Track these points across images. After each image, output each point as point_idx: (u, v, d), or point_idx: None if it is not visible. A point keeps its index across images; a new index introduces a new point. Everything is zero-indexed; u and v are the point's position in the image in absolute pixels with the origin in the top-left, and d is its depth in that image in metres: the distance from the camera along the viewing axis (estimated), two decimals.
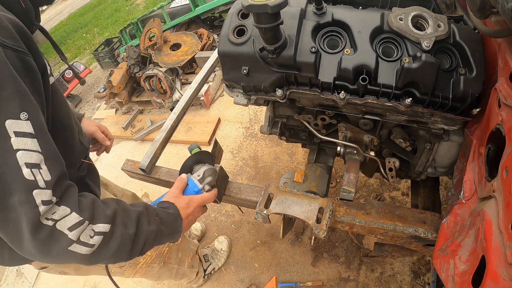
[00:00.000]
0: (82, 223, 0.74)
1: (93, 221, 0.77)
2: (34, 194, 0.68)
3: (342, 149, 1.32)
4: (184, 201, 1.05)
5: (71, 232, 0.73)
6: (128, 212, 0.87)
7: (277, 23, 0.92)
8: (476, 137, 0.98)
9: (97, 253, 0.77)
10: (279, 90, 1.14)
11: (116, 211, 0.83)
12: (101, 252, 0.78)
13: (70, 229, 0.73)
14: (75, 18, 9.28)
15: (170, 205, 1.01)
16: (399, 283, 1.84)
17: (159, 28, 3.61)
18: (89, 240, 0.75)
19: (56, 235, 0.71)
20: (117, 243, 0.80)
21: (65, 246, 0.72)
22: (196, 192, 1.11)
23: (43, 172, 0.71)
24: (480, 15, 0.79)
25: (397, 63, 1.01)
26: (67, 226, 0.73)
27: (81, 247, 0.74)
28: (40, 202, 0.69)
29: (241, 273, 2.11)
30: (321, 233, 1.05)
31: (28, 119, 0.70)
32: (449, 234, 0.94)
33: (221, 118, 3.25)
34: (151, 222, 0.89)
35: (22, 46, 0.74)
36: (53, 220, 0.71)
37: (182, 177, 1.14)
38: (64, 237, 0.72)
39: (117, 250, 0.80)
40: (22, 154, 0.68)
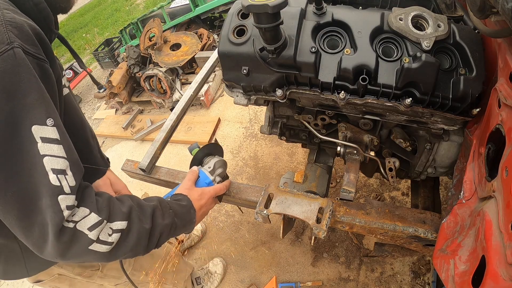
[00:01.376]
0: (101, 222, 0.76)
1: (111, 219, 0.78)
2: (60, 200, 0.70)
3: (342, 149, 1.32)
4: (197, 193, 1.07)
5: (91, 232, 0.74)
6: (143, 208, 0.89)
7: (277, 23, 0.92)
8: (476, 137, 0.98)
9: (115, 250, 0.79)
10: (279, 90, 1.14)
11: (132, 207, 0.85)
12: (119, 249, 0.80)
13: (90, 229, 0.74)
14: (75, 18, 9.27)
15: (183, 197, 1.03)
16: (399, 283, 1.84)
17: (159, 28, 3.61)
18: (108, 238, 0.77)
19: (77, 236, 0.73)
20: (134, 239, 0.82)
21: (86, 246, 0.74)
22: (207, 184, 1.15)
23: (69, 178, 0.72)
24: (480, 15, 0.79)
25: (397, 63, 1.01)
26: (87, 226, 0.74)
27: (100, 245, 0.76)
28: (65, 207, 0.70)
29: (241, 273, 2.11)
30: (321, 233, 1.05)
31: (54, 125, 0.71)
32: (449, 234, 0.94)
33: (221, 118, 3.25)
34: (165, 216, 0.92)
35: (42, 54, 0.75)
36: (74, 221, 0.73)
37: (193, 169, 1.17)
38: (85, 237, 0.74)
39: (134, 245, 0.82)
40: (49, 160, 0.69)
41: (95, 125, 4.07)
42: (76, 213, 0.74)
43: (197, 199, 1.05)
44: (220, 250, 2.25)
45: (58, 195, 0.70)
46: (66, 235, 0.72)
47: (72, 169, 0.74)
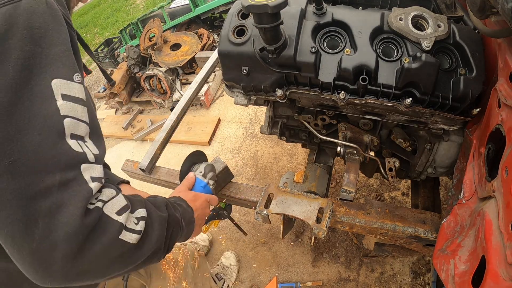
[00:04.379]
0: (127, 208, 0.64)
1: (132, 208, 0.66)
2: (83, 170, 0.57)
3: (342, 149, 1.32)
4: (190, 195, 1.02)
5: (120, 217, 0.61)
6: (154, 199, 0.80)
7: (277, 23, 0.92)
8: (476, 137, 0.98)
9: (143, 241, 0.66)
10: (279, 90, 1.14)
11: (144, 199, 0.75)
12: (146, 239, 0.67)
13: (118, 213, 0.61)
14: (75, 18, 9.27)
15: (177, 198, 0.97)
16: (399, 283, 1.84)
17: (159, 28, 3.61)
18: (135, 226, 0.64)
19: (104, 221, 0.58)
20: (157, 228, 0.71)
21: (115, 235, 0.59)
22: (203, 187, 1.15)
23: (89, 145, 0.60)
24: (480, 15, 0.79)
25: (397, 63, 1.01)
26: (115, 209, 0.61)
27: (130, 234, 0.62)
28: (90, 178, 0.57)
29: (241, 273, 2.11)
30: (321, 233, 1.05)
31: (81, 83, 0.60)
32: (449, 234, 0.94)
33: (221, 118, 3.25)
34: (175, 209, 0.84)
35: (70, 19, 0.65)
36: (102, 201, 0.60)
37: (189, 175, 1.14)
38: (114, 223, 0.60)
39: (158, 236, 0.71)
40: (70, 123, 0.56)
41: None
42: (102, 193, 0.61)
43: (191, 200, 0.99)
44: (220, 250, 2.25)
45: (81, 164, 0.56)
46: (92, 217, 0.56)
47: (92, 137, 0.61)
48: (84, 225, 0.54)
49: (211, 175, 1.20)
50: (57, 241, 0.52)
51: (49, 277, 0.53)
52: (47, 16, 0.57)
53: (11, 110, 0.51)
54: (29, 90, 0.53)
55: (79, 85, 0.59)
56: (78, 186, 0.55)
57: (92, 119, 0.62)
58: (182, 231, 0.86)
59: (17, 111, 0.51)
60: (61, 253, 0.52)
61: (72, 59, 0.60)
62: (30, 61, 0.53)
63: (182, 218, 0.86)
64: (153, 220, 0.70)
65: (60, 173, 0.53)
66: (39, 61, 0.54)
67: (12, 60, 0.51)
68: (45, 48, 0.55)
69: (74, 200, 0.54)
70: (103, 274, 0.62)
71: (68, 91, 0.57)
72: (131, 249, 0.63)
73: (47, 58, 0.55)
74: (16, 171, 0.50)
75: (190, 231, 0.93)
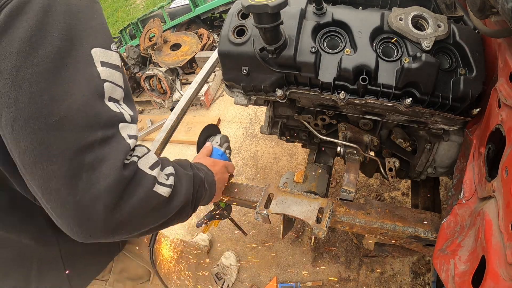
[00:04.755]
0: (158, 164, 0.69)
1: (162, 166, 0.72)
2: (120, 128, 0.62)
3: (342, 149, 1.32)
4: (210, 161, 1.09)
5: (153, 171, 0.67)
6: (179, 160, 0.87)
7: (277, 23, 0.92)
8: (476, 137, 0.98)
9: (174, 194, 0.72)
10: (279, 90, 1.14)
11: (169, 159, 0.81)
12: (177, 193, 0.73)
13: (151, 168, 0.67)
14: None
15: (198, 163, 1.01)
16: (399, 283, 1.84)
17: (159, 28, 3.61)
18: (166, 181, 0.70)
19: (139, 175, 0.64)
20: (185, 183, 0.77)
21: (150, 187, 0.65)
22: (220, 155, 1.22)
23: (125, 108, 0.65)
24: (480, 15, 0.78)
25: (397, 63, 1.01)
26: (148, 164, 0.66)
27: (162, 187, 0.68)
28: (127, 135, 0.62)
29: (241, 273, 2.11)
30: (321, 233, 1.05)
31: (117, 52, 0.66)
32: (449, 234, 0.94)
33: (221, 118, 3.25)
34: (199, 169, 0.91)
35: None
36: (137, 156, 0.65)
37: (206, 145, 1.24)
38: (148, 177, 0.65)
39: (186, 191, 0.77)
40: (109, 87, 0.61)
41: None
42: (136, 149, 0.66)
43: (211, 165, 1.04)
44: (220, 250, 2.25)
45: (119, 123, 0.61)
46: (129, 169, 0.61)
47: (125, 100, 0.66)
48: (123, 177, 0.59)
49: (227, 145, 1.29)
50: (99, 193, 0.56)
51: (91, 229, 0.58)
52: None
53: (57, 74, 0.55)
54: (72, 57, 0.57)
55: (115, 54, 0.65)
56: (117, 142, 0.60)
57: (126, 85, 0.67)
58: (206, 191, 0.91)
59: (62, 75, 0.56)
60: (102, 204, 0.56)
61: (108, 31, 0.65)
62: (72, 32, 0.58)
63: (205, 180, 0.91)
64: (180, 177, 0.77)
65: (101, 131, 0.58)
66: (79, 33, 0.59)
67: (56, 31, 0.56)
68: (83, 22, 0.61)
69: (114, 154, 0.59)
70: (139, 227, 0.67)
71: (106, 58, 0.62)
72: (163, 202, 0.68)
73: (86, 30, 0.60)
74: (62, 128, 0.54)
75: (212, 193, 0.98)
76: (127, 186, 0.60)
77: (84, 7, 0.62)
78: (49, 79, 0.54)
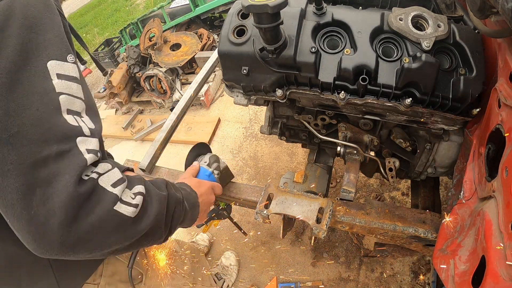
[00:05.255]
0: (123, 181, 0.67)
1: (129, 184, 0.69)
2: (78, 142, 0.60)
3: (342, 149, 1.32)
4: (195, 181, 1.05)
5: (116, 189, 0.64)
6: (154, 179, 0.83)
7: (277, 23, 0.92)
8: (476, 137, 0.98)
9: (141, 214, 0.68)
10: (279, 90, 1.14)
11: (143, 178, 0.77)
12: (145, 214, 0.70)
13: (114, 185, 0.64)
14: (75, 18, 9.27)
15: (182, 183, 0.99)
16: (399, 283, 1.84)
17: (159, 28, 3.61)
18: (131, 200, 0.67)
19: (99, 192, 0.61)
20: (156, 204, 0.74)
21: (110, 206, 0.62)
22: (208, 176, 1.17)
23: (85, 120, 0.64)
24: (480, 15, 0.78)
25: (397, 63, 1.01)
26: (110, 182, 0.64)
27: (126, 207, 0.65)
28: (85, 150, 0.61)
29: (241, 273, 2.11)
30: (321, 233, 1.05)
31: (75, 63, 0.65)
32: (449, 234, 0.94)
33: (221, 118, 3.25)
34: (176, 190, 0.87)
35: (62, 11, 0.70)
36: (97, 173, 0.63)
37: (193, 165, 1.19)
38: (108, 195, 0.63)
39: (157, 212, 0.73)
40: (66, 99, 0.60)
41: None
42: (98, 167, 0.64)
43: (196, 186, 1.00)
44: (220, 250, 2.25)
45: (77, 137, 0.60)
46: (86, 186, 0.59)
47: (88, 113, 0.65)
48: (78, 194, 0.57)
49: (216, 165, 1.22)
50: (53, 208, 0.55)
51: (47, 245, 0.56)
52: (41, 6, 0.62)
53: (12, 89, 0.55)
54: (27, 71, 0.57)
55: (72, 65, 0.64)
56: (73, 156, 0.59)
57: (87, 96, 0.66)
58: (185, 213, 0.87)
59: (17, 90, 0.56)
60: (57, 220, 0.55)
61: (65, 42, 0.65)
62: (27, 46, 0.58)
63: (185, 200, 0.88)
64: (152, 197, 0.73)
65: (56, 145, 0.57)
66: (35, 46, 0.59)
67: (11, 46, 0.56)
68: (40, 34, 0.60)
69: (69, 169, 0.57)
70: (101, 247, 0.64)
71: (62, 70, 0.62)
72: (127, 222, 0.65)
73: (42, 43, 0.60)
74: (16, 143, 0.54)
75: (195, 215, 0.94)
76: (84, 203, 0.59)
77: (40, 19, 0.61)
78: (3, 94, 0.54)
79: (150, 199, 0.73)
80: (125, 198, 0.66)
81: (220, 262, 2.15)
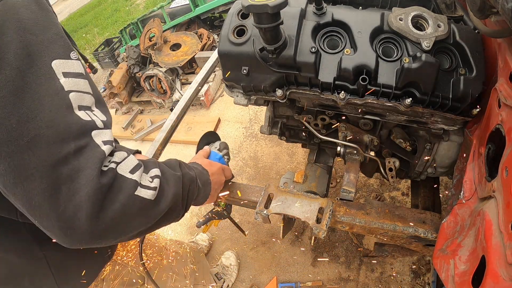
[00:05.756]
0: (139, 166, 0.69)
1: (145, 168, 0.72)
2: (94, 135, 0.62)
3: (342, 149, 1.32)
4: (206, 161, 1.08)
5: (134, 175, 0.66)
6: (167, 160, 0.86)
7: (277, 23, 0.92)
8: (476, 137, 0.98)
9: (160, 196, 0.71)
10: (279, 90, 1.14)
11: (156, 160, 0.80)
12: (163, 195, 0.73)
13: (132, 172, 0.67)
14: (75, 18, 9.27)
15: (194, 163, 1.02)
16: (399, 283, 1.84)
17: (159, 28, 3.61)
18: (150, 184, 0.69)
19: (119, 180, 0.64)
20: (173, 184, 0.76)
21: (131, 192, 0.65)
22: (218, 159, 1.22)
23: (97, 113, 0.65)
24: (480, 15, 0.78)
25: (397, 63, 1.01)
26: (128, 168, 0.66)
27: (146, 190, 0.68)
28: (101, 142, 0.62)
29: (241, 273, 2.11)
30: (321, 233, 1.05)
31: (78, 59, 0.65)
32: (449, 234, 0.94)
33: (221, 118, 3.25)
34: (189, 168, 0.90)
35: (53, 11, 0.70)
36: (115, 162, 0.65)
37: (205, 148, 1.23)
38: (128, 181, 0.65)
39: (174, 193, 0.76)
40: (76, 96, 0.61)
41: None
42: (114, 156, 0.66)
43: (207, 165, 1.03)
44: (220, 250, 2.25)
45: (92, 131, 0.62)
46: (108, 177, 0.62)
47: (97, 106, 0.66)
48: (102, 185, 0.59)
49: (226, 151, 1.28)
50: (80, 202, 0.57)
51: (78, 237, 0.59)
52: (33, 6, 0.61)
53: (21, 95, 0.55)
54: (33, 74, 0.57)
55: (76, 62, 0.64)
56: (92, 150, 0.60)
57: (94, 90, 0.67)
58: (199, 190, 0.91)
59: (26, 95, 0.56)
60: (85, 213, 0.58)
61: (66, 39, 0.64)
62: (29, 48, 0.57)
63: (198, 178, 0.91)
64: (168, 178, 0.76)
65: (74, 142, 0.58)
66: (36, 48, 0.58)
67: (12, 51, 0.55)
68: (38, 35, 0.59)
69: (90, 163, 0.59)
70: (127, 230, 0.68)
71: (68, 68, 0.62)
72: (149, 205, 0.68)
73: (43, 43, 0.60)
74: (35, 147, 0.55)
75: (207, 192, 0.98)
76: (107, 193, 0.61)
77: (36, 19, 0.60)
78: (13, 101, 0.54)
79: (167, 180, 0.75)
80: (144, 182, 0.68)
81: (220, 262, 2.15)
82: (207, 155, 1.20)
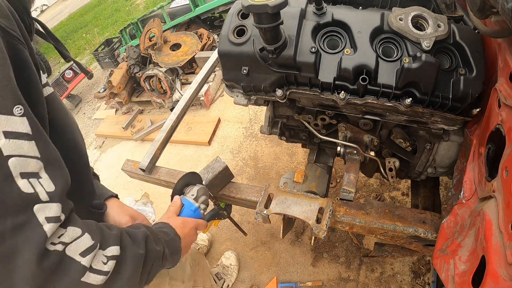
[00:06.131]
0: (94, 247, 0.62)
1: (103, 244, 0.65)
2: (36, 211, 0.54)
3: (342, 149, 1.32)
4: (179, 221, 0.99)
5: (84, 258, 0.60)
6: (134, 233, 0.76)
7: (277, 23, 0.92)
8: (476, 137, 0.98)
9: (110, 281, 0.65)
10: (279, 90, 1.14)
11: (121, 232, 0.72)
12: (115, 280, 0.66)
13: (83, 255, 0.60)
14: (75, 18, 9.28)
15: (164, 225, 0.93)
16: (399, 283, 1.84)
17: (159, 28, 3.61)
18: (103, 267, 0.63)
19: (66, 263, 0.57)
20: (131, 267, 0.69)
21: (78, 277, 0.59)
22: (193, 211, 1.10)
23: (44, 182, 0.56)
24: (480, 15, 0.79)
25: (397, 63, 1.01)
26: (79, 250, 0.59)
27: (95, 276, 0.61)
28: (44, 219, 0.55)
29: (241, 273, 2.11)
30: (321, 233, 1.05)
31: (24, 115, 0.54)
32: (449, 234, 0.94)
33: (221, 118, 3.25)
34: (157, 242, 0.80)
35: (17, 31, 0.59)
36: (63, 243, 0.58)
37: (175, 200, 1.09)
38: (77, 265, 0.58)
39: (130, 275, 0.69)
40: (17, 162, 0.52)
41: (95, 125, 4.08)
42: (65, 233, 0.58)
43: (180, 226, 0.94)
44: (220, 250, 2.25)
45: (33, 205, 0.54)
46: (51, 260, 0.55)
47: (48, 171, 0.57)
48: (42, 269, 0.54)
49: (204, 198, 1.16)
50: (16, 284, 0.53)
51: None
52: None
53: None
54: None
55: (20, 118, 0.54)
56: (31, 230, 0.53)
57: (45, 151, 0.58)
58: (165, 261, 0.84)
59: None
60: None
61: (12, 89, 0.54)
62: None
63: (167, 248, 0.84)
64: (127, 258, 0.68)
65: (11, 217, 0.52)
66: None
67: None
68: None
69: (28, 245, 0.53)
70: None
71: (9, 127, 0.52)
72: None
73: None
74: None
75: (175, 260, 0.90)
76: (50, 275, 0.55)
77: None
78: None
79: (125, 260, 0.68)
80: (96, 265, 0.62)
81: (220, 262, 2.15)
82: (179, 210, 1.08)
